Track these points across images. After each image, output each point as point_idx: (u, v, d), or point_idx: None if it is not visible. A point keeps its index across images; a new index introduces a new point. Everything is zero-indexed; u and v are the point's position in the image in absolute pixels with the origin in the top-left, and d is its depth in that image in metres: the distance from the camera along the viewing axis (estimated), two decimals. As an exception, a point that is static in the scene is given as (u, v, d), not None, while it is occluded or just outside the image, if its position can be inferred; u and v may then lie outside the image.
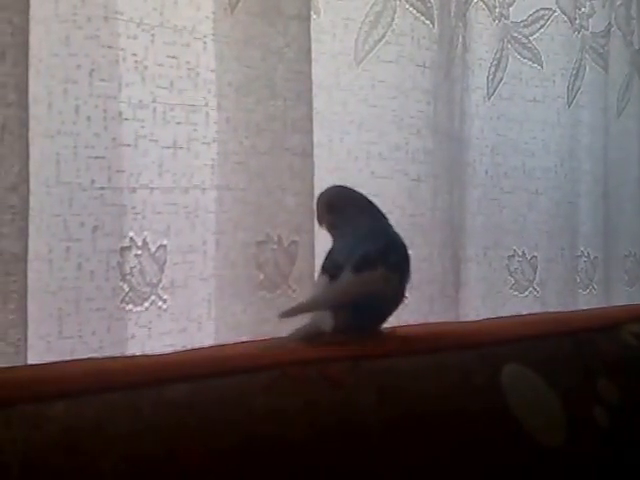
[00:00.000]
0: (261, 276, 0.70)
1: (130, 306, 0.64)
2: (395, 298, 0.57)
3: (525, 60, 0.97)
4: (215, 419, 0.40)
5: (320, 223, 0.58)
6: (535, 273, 0.98)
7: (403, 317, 0.82)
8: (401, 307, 0.81)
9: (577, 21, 1.01)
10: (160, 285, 0.66)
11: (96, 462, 0.36)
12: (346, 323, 0.52)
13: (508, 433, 0.50)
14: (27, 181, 0.55)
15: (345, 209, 0.57)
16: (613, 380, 0.58)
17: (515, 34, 0.96)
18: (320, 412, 0.44)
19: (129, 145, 0.64)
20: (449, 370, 0.51)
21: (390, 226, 0.58)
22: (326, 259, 0.56)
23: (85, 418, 0.37)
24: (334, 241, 0.57)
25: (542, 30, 0.98)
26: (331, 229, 0.57)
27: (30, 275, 0.56)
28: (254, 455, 0.40)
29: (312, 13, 0.74)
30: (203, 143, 0.68)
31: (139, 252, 0.65)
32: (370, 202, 0.58)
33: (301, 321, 0.53)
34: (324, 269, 0.55)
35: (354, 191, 0.58)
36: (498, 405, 0.51)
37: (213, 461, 0.38)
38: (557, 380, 0.55)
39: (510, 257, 0.96)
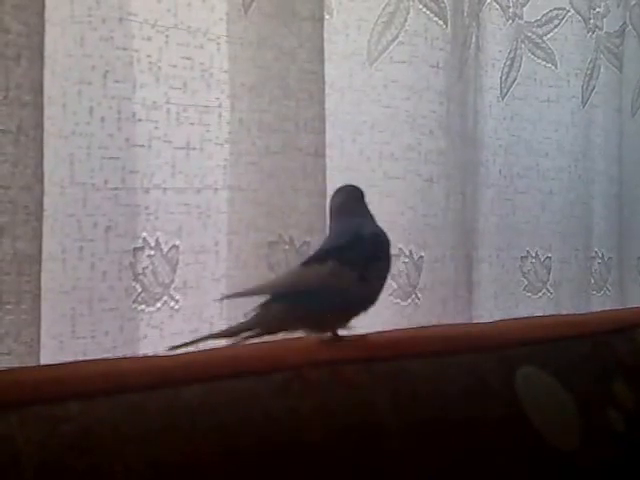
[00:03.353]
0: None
1: (142, 306, 0.64)
2: (354, 295, 0.53)
3: (539, 60, 0.96)
4: (229, 421, 0.40)
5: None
6: (549, 274, 0.97)
7: (416, 319, 0.82)
8: (414, 308, 0.83)
9: (591, 21, 1.01)
10: (172, 285, 0.66)
11: (111, 463, 0.36)
12: (291, 314, 0.52)
13: (523, 436, 0.50)
14: (41, 181, 0.55)
15: (340, 210, 0.57)
16: (628, 383, 0.58)
17: (529, 34, 0.95)
18: (335, 414, 0.43)
19: (143, 146, 0.64)
20: (463, 372, 0.51)
21: (370, 223, 0.56)
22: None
23: (100, 419, 0.37)
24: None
25: (556, 30, 0.97)
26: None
27: (43, 275, 0.56)
28: (269, 457, 0.40)
29: (325, 14, 0.74)
30: (216, 144, 0.68)
31: (152, 252, 0.65)
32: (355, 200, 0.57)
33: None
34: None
35: (351, 191, 0.58)
36: (513, 408, 0.51)
37: (228, 463, 0.38)
38: (572, 383, 0.55)
39: (523, 258, 0.95)
